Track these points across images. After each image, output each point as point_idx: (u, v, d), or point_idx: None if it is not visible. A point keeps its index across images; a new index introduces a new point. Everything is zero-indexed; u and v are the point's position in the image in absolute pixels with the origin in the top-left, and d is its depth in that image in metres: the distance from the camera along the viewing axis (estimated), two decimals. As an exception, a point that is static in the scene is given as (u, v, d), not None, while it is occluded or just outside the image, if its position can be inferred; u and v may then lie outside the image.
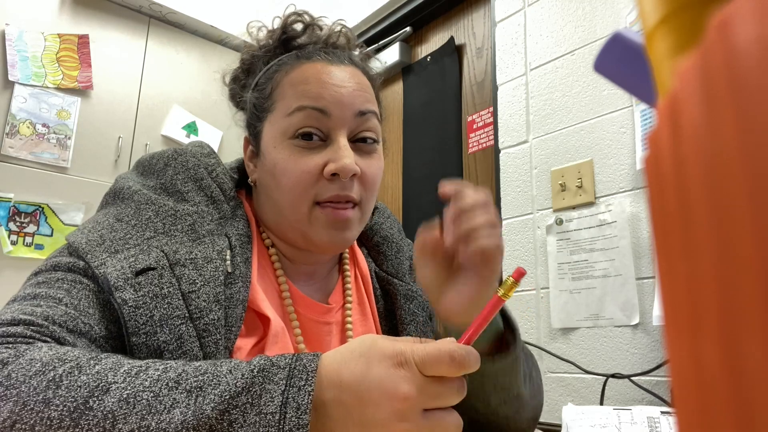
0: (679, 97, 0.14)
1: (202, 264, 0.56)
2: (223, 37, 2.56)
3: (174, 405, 0.39)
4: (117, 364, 0.43)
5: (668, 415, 0.83)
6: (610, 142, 1.29)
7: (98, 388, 0.40)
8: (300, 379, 0.41)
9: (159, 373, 0.42)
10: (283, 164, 0.62)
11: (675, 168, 0.14)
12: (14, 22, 2.06)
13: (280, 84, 0.64)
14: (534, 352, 1.36)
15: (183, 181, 0.63)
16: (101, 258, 0.54)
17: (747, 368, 0.11)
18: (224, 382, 0.41)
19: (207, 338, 0.53)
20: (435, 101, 1.96)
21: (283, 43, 0.69)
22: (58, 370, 0.42)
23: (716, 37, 0.13)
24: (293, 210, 0.62)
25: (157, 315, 0.51)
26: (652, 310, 1.15)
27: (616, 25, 1.33)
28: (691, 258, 0.13)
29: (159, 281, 0.53)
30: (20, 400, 0.40)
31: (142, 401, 0.40)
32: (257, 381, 0.41)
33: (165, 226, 0.58)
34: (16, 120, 2.00)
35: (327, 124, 0.62)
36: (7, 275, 1.89)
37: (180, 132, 2.38)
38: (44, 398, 0.40)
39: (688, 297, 0.14)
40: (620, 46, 0.26)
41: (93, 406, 0.39)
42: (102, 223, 0.59)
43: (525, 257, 1.45)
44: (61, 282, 0.53)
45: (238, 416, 0.39)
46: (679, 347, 0.14)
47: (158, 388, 0.40)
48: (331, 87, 0.62)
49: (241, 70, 0.72)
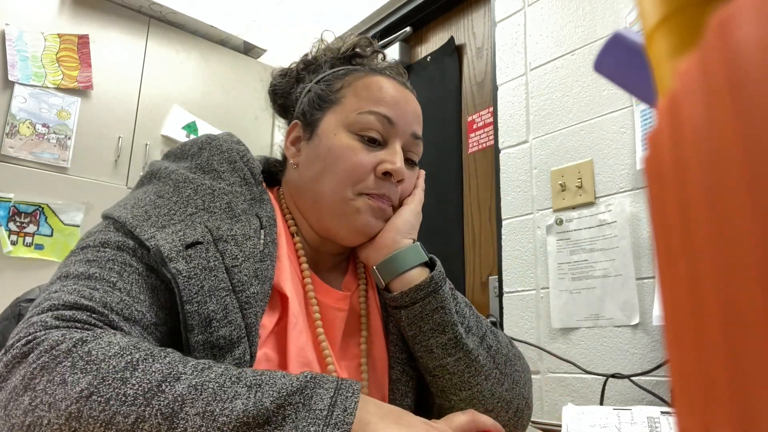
0: (679, 97, 0.14)
1: (242, 241, 0.60)
2: (223, 37, 2.56)
3: (236, 396, 0.44)
4: (184, 358, 0.48)
5: (668, 415, 0.83)
6: (610, 142, 1.29)
7: (171, 375, 0.45)
8: (347, 390, 0.47)
9: (222, 370, 0.46)
10: (340, 150, 0.67)
11: (675, 168, 0.14)
12: (14, 22, 2.06)
13: (352, 84, 0.71)
14: (534, 352, 1.36)
15: (219, 161, 0.66)
16: (150, 232, 0.57)
17: (747, 368, 0.11)
18: (280, 383, 0.46)
19: (248, 310, 0.57)
20: (435, 101, 1.96)
21: (349, 58, 0.78)
22: (134, 355, 0.46)
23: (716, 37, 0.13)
24: (336, 193, 0.67)
25: (207, 286, 0.55)
26: (652, 310, 1.15)
27: (616, 25, 1.33)
28: (691, 258, 0.13)
29: (206, 255, 0.57)
30: (99, 375, 0.44)
31: (209, 389, 0.44)
32: (309, 385, 0.46)
33: (204, 203, 0.62)
34: (16, 120, 2.00)
35: (389, 131, 0.69)
36: (7, 275, 1.89)
37: (180, 132, 2.37)
38: (122, 377, 0.44)
39: (688, 297, 0.14)
40: (620, 46, 0.26)
41: (165, 389, 0.43)
42: (143, 199, 0.61)
43: (525, 257, 1.45)
44: (112, 263, 0.55)
45: (291, 412, 0.44)
46: (679, 347, 0.14)
47: (222, 381, 0.45)
48: (401, 103, 0.71)
49: (300, 67, 0.78)
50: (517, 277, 1.45)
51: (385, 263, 0.68)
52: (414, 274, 0.66)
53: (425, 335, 0.66)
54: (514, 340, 1.19)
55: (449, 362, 0.65)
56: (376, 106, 0.69)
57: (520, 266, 1.45)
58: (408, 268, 0.67)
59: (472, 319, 0.70)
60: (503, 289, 1.48)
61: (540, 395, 1.33)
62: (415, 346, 0.67)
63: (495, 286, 1.59)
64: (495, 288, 1.59)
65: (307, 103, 0.73)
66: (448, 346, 0.65)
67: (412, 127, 0.72)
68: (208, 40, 2.56)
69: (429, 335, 0.66)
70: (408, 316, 0.66)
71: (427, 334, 0.66)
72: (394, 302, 0.67)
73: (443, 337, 0.65)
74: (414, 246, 0.69)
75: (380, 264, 0.68)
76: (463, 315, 0.68)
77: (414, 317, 0.65)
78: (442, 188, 1.84)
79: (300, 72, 0.78)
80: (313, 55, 0.78)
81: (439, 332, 0.65)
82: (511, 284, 1.46)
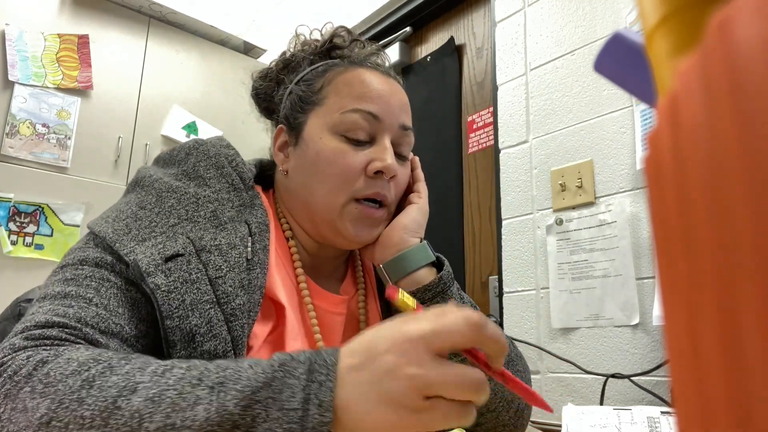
0: (679, 97, 0.14)
1: (227, 250, 0.58)
2: (223, 37, 2.56)
3: (197, 402, 0.40)
4: (145, 363, 0.44)
5: (668, 415, 0.83)
6: (610, 142, 1.29)
7: (126, 387, 0.41)
8: (320, 373, 0.41)
9: (183, 372, 0.42)
10: (328, 154, 0.65)
11: (675, 168, 0.14)
12: (14, 22, 2.06)
13: (332, 82, 0.68)
14: (534, 352, 1.36)
15: (205, 167, 0.65)
16: (129, 246, 0.55)
17: (747, 368, 0.11)
18: (245, 378, 0.41)
19: (234, 322, 0.55)
20: (435, 101, 1.96)
21: (327, 51, 0.74)
22: (92, 370, 0.43)
23: (716, 37, 0.13)
24: (328, 200, 0.65)
25: (188, 299, 0.53)
26: (652, 310, 1.15)
27: (616, 25, 1.33)
28: (691, 258, 0.13)
29: (187, 267, 0.55)
30: (57, 398, 0.41)
31: (167, 399, 0.40)
32: (278, 375, 0.41)
33: (188, 213, 0.60)
34: (16, 120, 2.00)
35: (376, 127, 0.66)
36: (7, 275, 1.89)
37: (180, 132, 2.37)
38: (78, 397, 0.41)
39: (688, 297, 0.14)
40: (620, 46, 0.26)
41: (121, 405, 0.40)
42: (125, 211, 0.60)
43: (525, 257, 1.45)
44: (90, 279, 0.54)
45: (260, 411, 0.39)
46: (679, 347, 0.14)
47: (182, 386, 0.41)
48: (385, 95, 0.67)
49: (279, 67, 0.75)
50: (517, 277, 1.45)
51: (393, 263, 0.66)
52: (422, 274, 0.65)
53: None
54: (514, 340, 1.19)
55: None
56: (359, 103, 0.66)
57: (520, 266, 1.45)
58: (416, 268, 0.65)
59: None
60: (503, 289, 1.48)
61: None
62: None
63: (495, 286, 1.59)
64: (495, 288, 1.59)
65: (289, 106, 0.71)
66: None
67: (400, 119, 0.68)
68: (208, 40, 2.56)
69: None
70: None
71: None
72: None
73: None
74: (422, 245, 0.67)
75: (387, 263, 0.67)
76: None
77: None
78: (442, 188, 1.84)
79: (279, 73, 0.75)
80: (291, 53, 0.75)
81: None
82: (511, 284, 1.46)
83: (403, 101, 0.70)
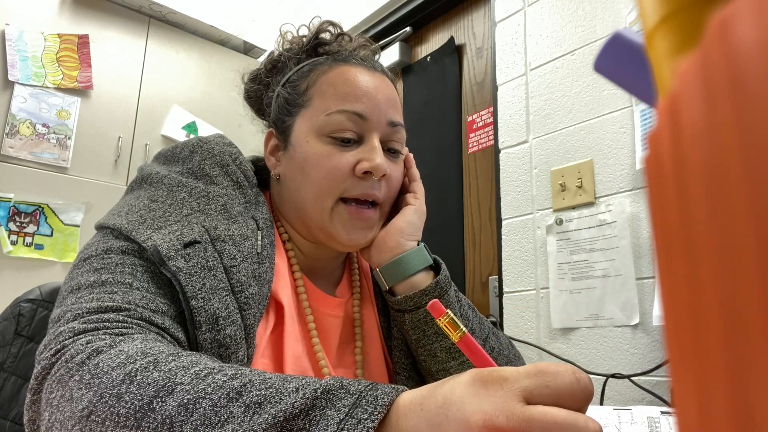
0: (679, 97, 0.14)
1: (240, 241, 0.58)
2: (223, 37, 2.56)
3: (228, 419, 0.37)
4: (192, 363, 0.42)
5: (668, 415, 0.83)
6: (610, 142, 1.29)
7: (165, 387, 0.40)
8: (364, 410, 0.36)
9: (225, 379, 0.40)
10: (315, 159, 0.63)
11: (675, 168, 0.14)
12: (14, 22, 2.06)
13: (316, 82, 0.66)
14: (534, 352, 1.36)
15: (210, 165, 0.64)
16: (146, 233, 0.55)
17: (748, 368, 0.11)
18: (285, 402, 0.37)
19: (247, 311, 0.55)
20: (435, 101, 1.96)
21: (314, 48, 0.72)
22: (137, 363, 0.42)
23: (716, 37, 0.12)
24: (317, 203, 0.64)
25: (208, 284, 0.54)
26: (652, 310, 1.15)
27: (616, 25, 1.33)
28: (691, 258, 0.13)
29: (204, 254, 0.55)
30: (98, 391, 0.41)
31: (200, 410, 0.38)
32: (318, 404, 0.37)
33: (200, 205, 0.60)
34: (16, 120, 2.00)
35: (363, 126, 0.64)
36: (7, 275, 1.89)
37: (180, 132, 2.37)
38: (117, 392, 0.40)
39: (688, 297, 0.14)
40: (620, 46, 0.26)
41: (156, 408, 0.39)
42: (137, 205, 0.60)
43: (525, 257, 1.45)
44: (122, 266, 0.54)
45: None
46: (679, 347, 0.14)
47: (218, 397, 0.38)
48: (371, 92, 0.65)
49: (267, 68, 0.74)
50: (517, 277, 1.45)
51: (389, 267, 0.65)
52: (419, 278, 0.65)
53: (429, 339, 0.65)
54: (513, 341, 1.19)
55: (453, 366, 0.65)
56: (344, 104, 0.64)
57: (520, 266, 1.45)
58: (413, 272, 0.65)
59: (476, 322, 0.69)
60: (503, 289, 1.48)
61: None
62: (418, 350, 0.66)
63: (495, 286, 1.59)
64: (495, 288, 1.59)
65: (277, 109, 0.70)
66: (452, 350, 0.64)
67: (387, 115, 0.66)
68: (208, 40, 2.56)
69: (433, 339, 0.65)
70: (412, 320, 0.65)
71: (431, 338, 0.65)
72: (398, 306, 0.65)
73: (447, 341, 0.64)
74: (419, 249, 0.66)
75: (383, 268, 0.66)
76: (467, 318, 0.68)
77: (418, 321, 0.64)
78: (442, 188, 1.84)
79: (267, 75, 0.74)
80: (279, 52, 0.74)
81: (444, 336, 0.64)
82: (511, 284, 1.46)
83: (391, 96, 0.67)
